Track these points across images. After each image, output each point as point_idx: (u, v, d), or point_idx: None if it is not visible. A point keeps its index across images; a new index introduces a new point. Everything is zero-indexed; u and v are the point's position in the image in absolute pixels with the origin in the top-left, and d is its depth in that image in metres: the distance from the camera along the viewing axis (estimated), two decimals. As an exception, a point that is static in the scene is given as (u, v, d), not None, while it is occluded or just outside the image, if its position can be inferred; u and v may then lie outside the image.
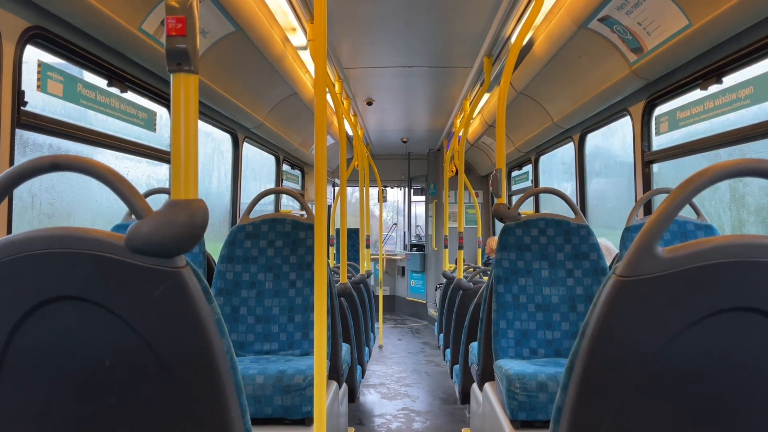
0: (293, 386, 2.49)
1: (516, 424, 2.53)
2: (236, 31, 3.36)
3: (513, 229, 3.04)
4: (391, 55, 4.81)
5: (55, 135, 2.58)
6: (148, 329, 1.03)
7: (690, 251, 1.01)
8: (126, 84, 3.07)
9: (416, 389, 5.67)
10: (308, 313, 3.03)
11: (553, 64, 4.00)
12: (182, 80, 1.09)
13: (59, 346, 1.05)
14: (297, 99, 5.13)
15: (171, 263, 1.02)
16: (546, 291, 2.96)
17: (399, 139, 9.11)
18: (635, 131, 3.80)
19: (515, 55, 3.25)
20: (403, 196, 11.31)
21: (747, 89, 2.82)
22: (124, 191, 1.02)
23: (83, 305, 1.02)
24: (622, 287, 1.03)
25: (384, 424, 4.57)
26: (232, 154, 5.05)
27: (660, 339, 1.02)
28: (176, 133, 1.09)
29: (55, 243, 1.01)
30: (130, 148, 3.21)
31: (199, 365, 1.05)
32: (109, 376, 1.05)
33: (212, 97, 3.93)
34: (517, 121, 5.70)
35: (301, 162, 7.61)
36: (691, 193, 1.02)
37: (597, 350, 1.05)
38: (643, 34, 3.03)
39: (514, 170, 7.65)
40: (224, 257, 3.08)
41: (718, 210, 3.53)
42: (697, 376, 1.03)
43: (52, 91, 2.55)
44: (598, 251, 2.98)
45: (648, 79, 3.40)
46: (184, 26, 1.07)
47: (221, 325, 1.08)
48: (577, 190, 5.06)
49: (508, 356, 2.91)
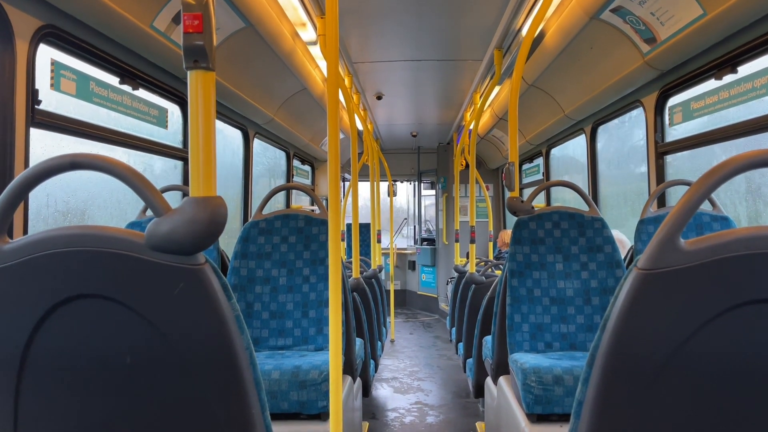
0: (309, 381, 2.50)
1: (532, 417, 2.53)
2: (246, 27, 3.36)
3: (527, 222, 3.02)
4: (400, 48, 4.79)
5: (68, 133, 2.60)
6: (168, 326, 1.03)
7: (713, 243, 1.00)
8: (137, 81, 3.08)
9: (429, 383, 5.68)
10: (322, 308, 3.04)
11: (565, 55, 3.97)
12: (199, 77, 1.09)
13: (80, 343, 1.05)
14: (307, 94, 5.13)
15: (191, 260, 1.02)
16: (560, 284, 2.95)
17: (408, 133, 9.08)
18: (648, 122, 3.77)
19: (527, 47, 3.23)
20: (413, 191, 11.29)
21: (763, 78, 2.78)
22: (143, 189, 1.02)
23: (103, 303, 1.03)
24: (645, 280, 1.02)
25: (397, 418, 4.58)
26: (243, 150, 5.06)
27: (684, 332, 1.01)
28: (194, 131, 1.08)
29: (75, 241, 1.02)
30: (143, 145, 3.22)
31: (219, 362, 1.05)
32: (130, 373, 1.05)
33: (222, 94, 3.93)
34: (528, 113, 5.66)
35: (311, 157, 7.61)
36: (714, 184, 1.01)
37: (619, 344, 1.04)
38: (656, 24, 3.00)
39: (525, 163, 7.62)
40: (238, 253, 3.09)
41: (734, 201, 3.49)
42: (721, 369, 1.02)
43: (65, 90, 2.57)
44: (613, 244, 2.96)
45: (661, 69, 3.37)
46: (201, 23, 1.07)
47: (240, 322, 1.08)
48: (590, 183, 5.03)
49: (522, 350, 2.91)
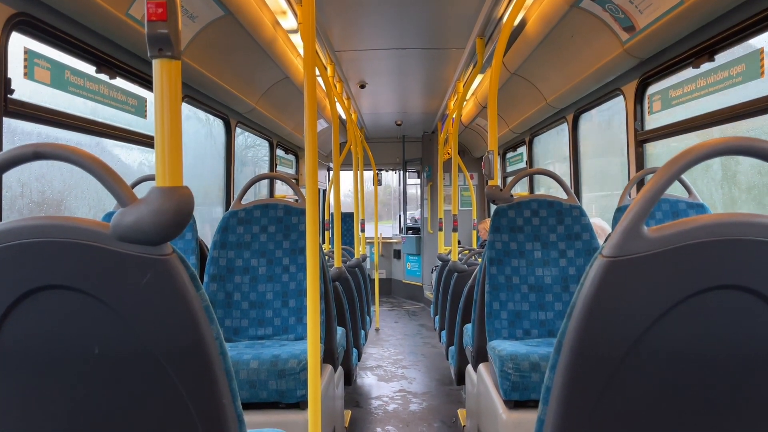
0: (287, 370, 2.51)
1: (509, 404, 2.56)
2: (225, 15, 3.32)
3: (506, 210, 3.04)
4: (383, 37, 4.77)
5: (43, 123, 2.56)
6: (136, 317, 1.03)
7: (676, 230, 1.01)
8: (115, 70, 3.04)
9: (413, 371, 5.71)
10: (302, 297, 3.04)
11: (547, 44, 3.97)
12: (164, 66, 1.08)
13: (47, 335, 1.05)
14: (289, 83, 5.10)
15: (157, 251, 1.01)
16: (539, 272, 2.97)
17: (393, 122, 9.07)
18: (628, 110, 3.79)
19: (506, 35, 3.23)
20: (398, 180, 11.29)
21: (739, 67, 2.81)
22: (107, 179, 1.01)
23: (70, 294, 1.02)
24: (609, 267, 1.03)
25: (381, 406, 4.61)
26: (225, 140, 5.02)
27: (647, 318, 1.03)
28: (160, 120, 1.08)
29: (40, 232, 1.01)
30: (121, 135, 3.19)
31: (188, 352, 1.05)
32: (98, 364, 1.05)
33: (202, 83, 3.89)
34: (511, 102, 5.67)
35: (295, 147, 7.57)
36: (676, 172, 1.02)
37: (584, 330, 1.06)
38: (635, 12, 3.01)
39: (509, 152, 7.64)
40: (217, 243, 3.08)
41: (710, 188, 3.53)
42: (684, 354, 1.04)
43: (39, 79, 2.53)
44: (591, 231, 2.99)
45: (640, 57, 3.38)
46: (165, 11, 1.06)
47: (209, 312, 1.08)
48: (572, 171, 5.05)
49: (501, 337, 2.93)
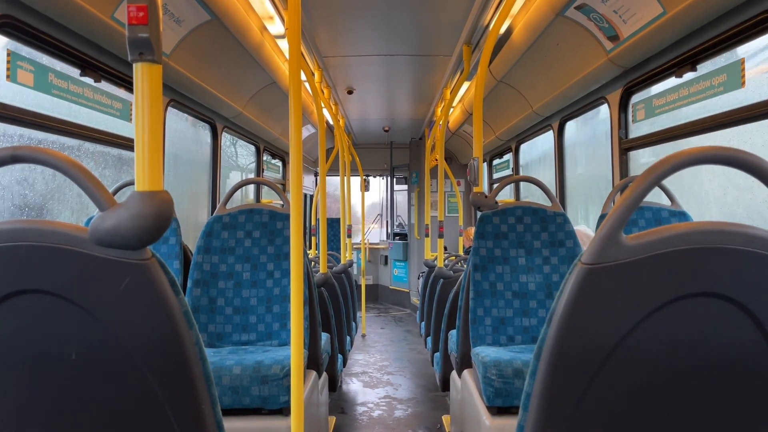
0: (270, 376, 2.49)
1: (492, 410, 2.56)
2: (212, 20, 3.32)
3: (490, 217, 3.05)
4: (371, 43, 4.78)
5: (25, 125, 2.54)
6: (114, 322, 1.02)
7: (653, 238, 1.02)
8: (99, 73, 3.02)
9: (398, 377, 5.71)
10: (286, 303, 3.02)
11: (532, 52, 4.01)
12: (145, 70, 1.07)
13: (25, 339, 1.04)
14: (276, 88, 5.09)
15: (136, 255, 1.01)
16: (523, 278, 2.99)
17: (381, 128, 9.08)
18: (612, 119, 3.83)
19: (492, 43, 3.25)
20: (385, 186, 11.30)
21: (720, 77, 2.85)
22: (86, 182, 1.01)
23: (47, 298, 1.01)
24: (587, 274, 1.04)
25: (366, 413, 4.60)
26: (211, 144, 5.00)
27: (625, 325, 1.04)
28: (139, 124, 1.07)
29: (17, 236, 1.00)
30: (105, 138, 3.16)
31: (167, 357, 1.05)
32: (76, 368, 1.04)
33: (189, 87, 3.88)
34: (498, 109, 5.70)
35: (282, 152, 7.56)
36: (653, 180, 1.03)
37: (564, 337, 1.06)
38: (619, 21, 3.05)
39: (495, 158, 7.68)
40: (201, 248, 3.06)
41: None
42: (661, 360, 1.05)
43: (22, 81, 2.50)
44: (574, 238, 3.01)
45: (624, 66, 3.42)
46: (146, 14, 1.05)
47: (189, 317, 1.08)
48: (557, 178, 5.09)
49: (485, 343, 2.94)
